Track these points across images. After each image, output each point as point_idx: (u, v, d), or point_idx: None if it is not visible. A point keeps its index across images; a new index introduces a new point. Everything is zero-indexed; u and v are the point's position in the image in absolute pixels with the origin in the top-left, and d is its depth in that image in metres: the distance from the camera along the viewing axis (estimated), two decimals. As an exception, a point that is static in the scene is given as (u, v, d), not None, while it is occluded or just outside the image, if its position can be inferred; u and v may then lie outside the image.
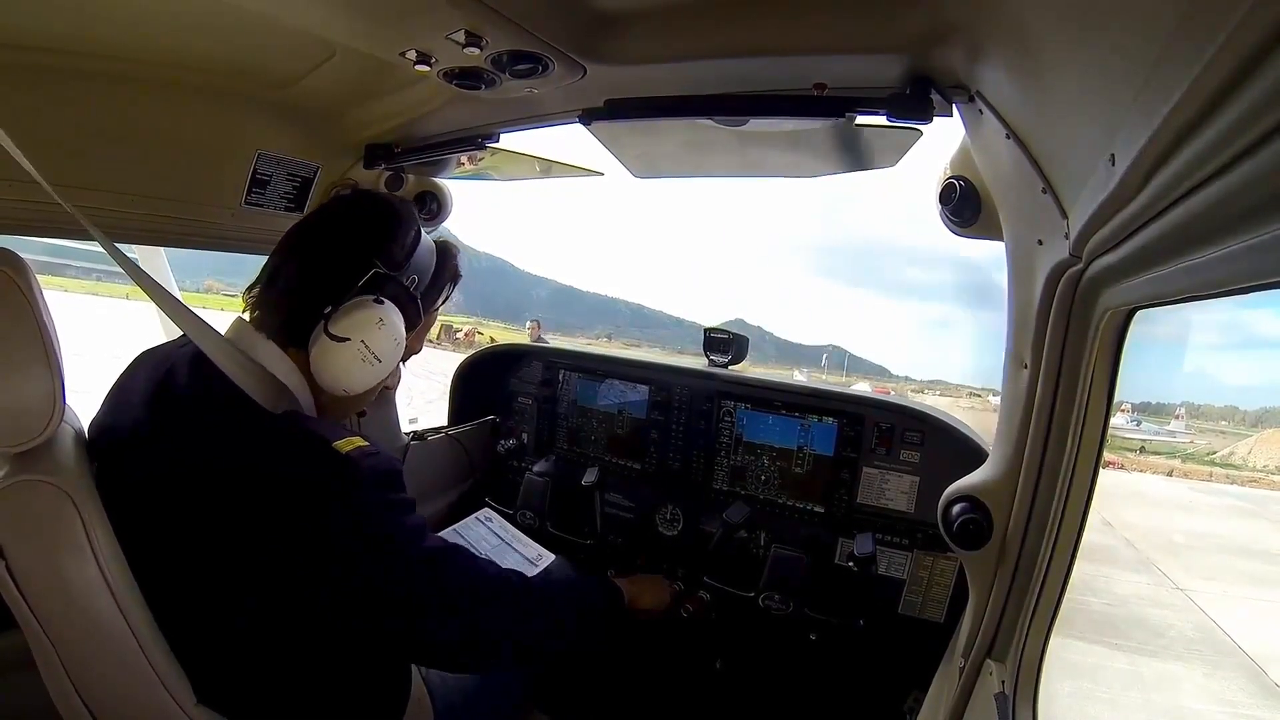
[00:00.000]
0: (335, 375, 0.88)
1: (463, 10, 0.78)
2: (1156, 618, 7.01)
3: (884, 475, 1.44)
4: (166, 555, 0.83)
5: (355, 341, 0.87)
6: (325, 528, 0.78)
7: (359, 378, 0.89)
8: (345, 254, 0.90)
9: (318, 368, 0.88)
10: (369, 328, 0.88)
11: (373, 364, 0.89)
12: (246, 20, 0.95)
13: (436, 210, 1.66)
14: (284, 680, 0.87)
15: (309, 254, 0.92)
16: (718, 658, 1.65)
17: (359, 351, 0.87)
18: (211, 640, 0.85)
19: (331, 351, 0.87)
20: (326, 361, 0.88)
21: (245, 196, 1.34)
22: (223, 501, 0.79)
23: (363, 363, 0.88)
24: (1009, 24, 0.64)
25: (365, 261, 0.89)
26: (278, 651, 0.85)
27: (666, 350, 51.54)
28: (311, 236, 0.94)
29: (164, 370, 0.90)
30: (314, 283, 0.89)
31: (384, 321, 0.89)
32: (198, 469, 0.81)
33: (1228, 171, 0.37)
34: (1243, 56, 0.30)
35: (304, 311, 0.88)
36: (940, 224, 1.02)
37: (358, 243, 0.91)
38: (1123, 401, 7.49)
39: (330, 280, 0.89)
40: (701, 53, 0.89)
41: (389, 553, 0.81)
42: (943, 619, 1.38)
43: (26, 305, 0.77)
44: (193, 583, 0.82)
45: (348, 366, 0.88)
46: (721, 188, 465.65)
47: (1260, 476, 35.63)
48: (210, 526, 0.80)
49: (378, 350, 0.88)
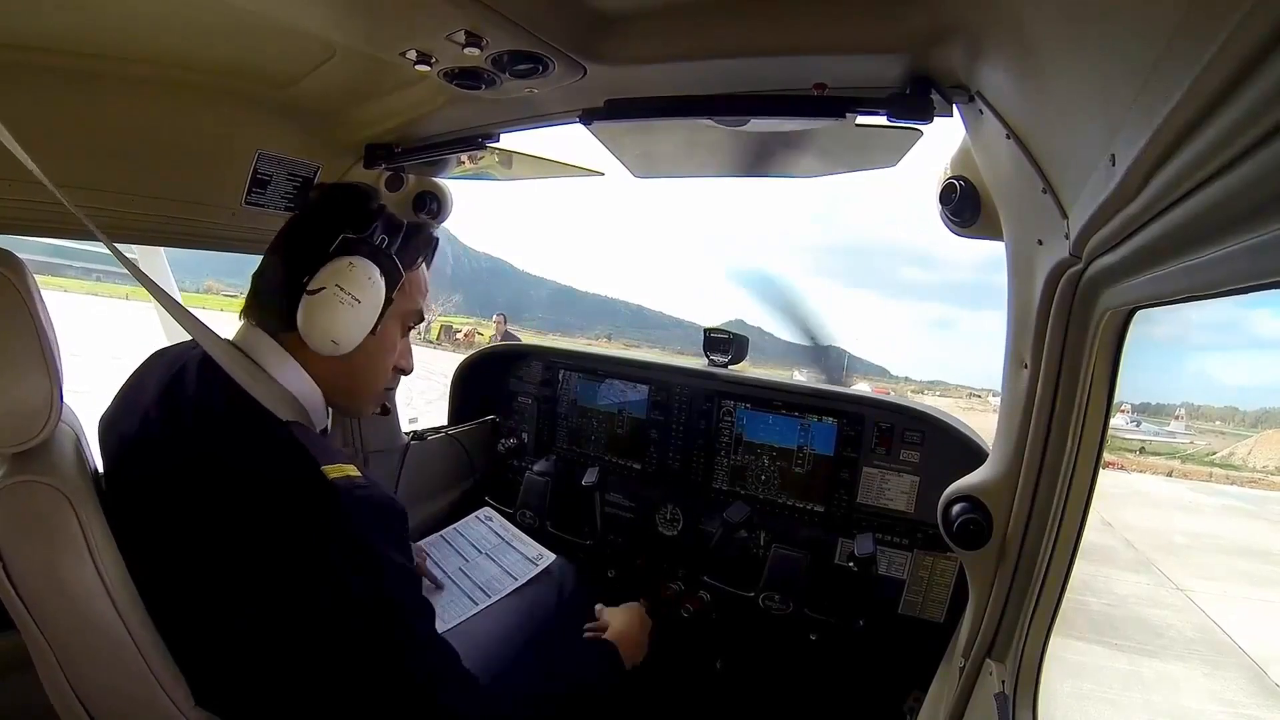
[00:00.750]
0: (323, 329, 0.89)
1: (463, 10, 0.78)
2: (1156, 618, 7.01)
3: (884, 475, 1.44)
4: (167, 556, 0.83)
5: (330, 287, 0.89)
6: (302, 551, 0.78)
7: (343, 322, 0.90)
8: (315, 231, 0.94)
9: (306, 330, 0.89)
10: (341, 273, 0.90)
11: (351, 304, 0.90)
12: (246, 20, 0.95)
13: (436, 210, 1.66)
14: (282, 683, 0.86)
15: (287, 244, 0.96)
16: (718, 658, 1.65)
17: (334, 293, 0.89)
18: (210, 643, 0.84)
19: (312, 305, 0.89)
20: (311, 319, 0.89)
21: (245, 196, 1.34)
22: (222, 506, 0.79)
23: (340, 305, 0.89)
24: (1009, 24, 0.64)
25: (333, 231, 0.93)
26: (276, 655, 0.84)
27: (666, 350, 51.48)
28: (287, 231, 0.98)
29: (175, 371, 0.91)
30: (292, 264, 0.92)
31: (354, 265, 0.91)
32: (200, 472, 0.81)
33: (1228, 171, 0.37)
34: (1243, 56, 0.30)
35: (289, 292, 0.90)
36: (940, 224, 1.02)
37: (325, 220, 0.95)
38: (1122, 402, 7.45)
39: (305, 256, 0.92)
40: (701, 53, 0.89)
41: (354, 598, 0.79)
42: (943, 619, 1.38)
43: (24, 306, 0.77)
44: (192, 584, 0.82)
45: (329, 313, 0.89)
46: (721, 188, 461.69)
47: (1260, 477, 35.65)
48: (209, 530, 0.80)
49: (354, 290, 0.90)
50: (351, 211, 0.96)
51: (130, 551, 0.82)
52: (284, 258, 0.94)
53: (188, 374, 0.90)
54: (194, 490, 0.81)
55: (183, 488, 0.81)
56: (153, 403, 0.89)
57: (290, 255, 0.93)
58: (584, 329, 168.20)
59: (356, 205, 0.97)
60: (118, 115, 1.13)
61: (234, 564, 0.79)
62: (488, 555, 1.48)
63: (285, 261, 0.93)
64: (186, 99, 1.18)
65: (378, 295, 0.93)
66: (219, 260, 1.26)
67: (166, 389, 0.90)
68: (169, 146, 1.21)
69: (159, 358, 1.00)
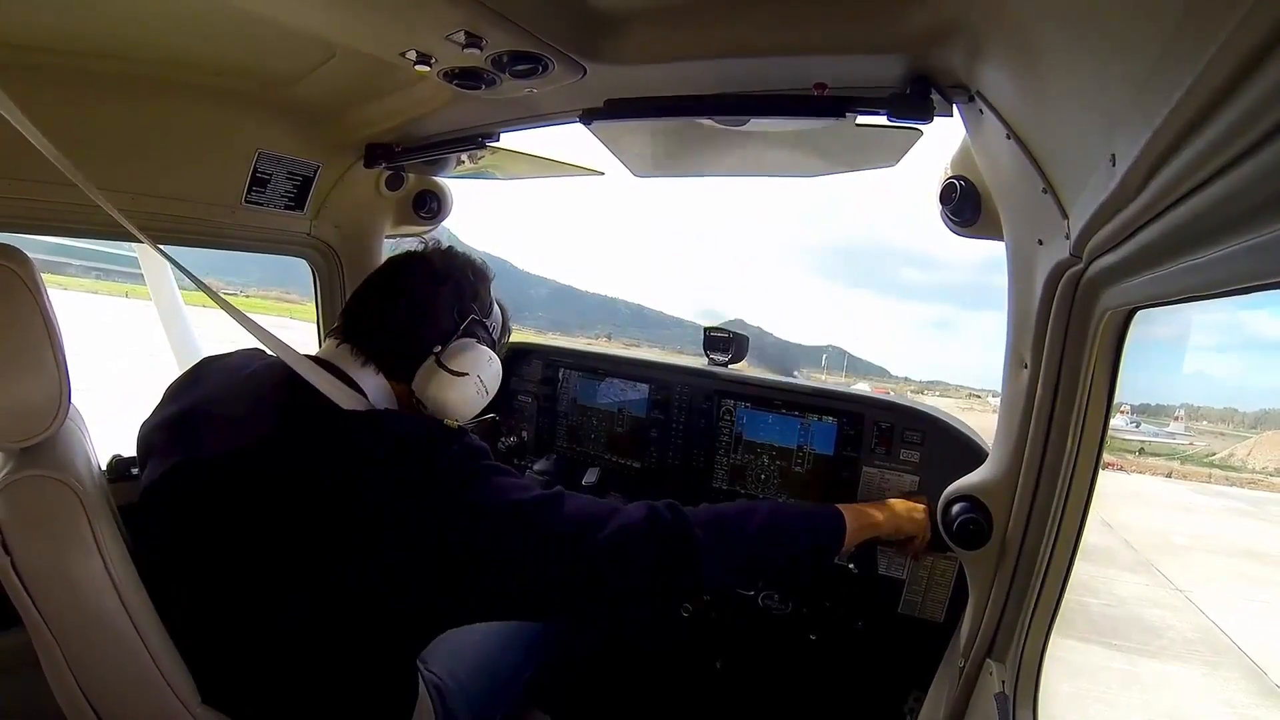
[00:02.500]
0: (454, 405, 0.96)
1: (463, 10, 0.78)
2: (1155, 618, 7.02)
3: (884, 475, 1.44)
4: (186, 543, 0.83)
5: (473, 376, 0.97)
6: (433, 477, 0.79)
7: (473, 407, 0.99)
8: (451, 301, 1.00)
9: (433, 399, 0.95)
10: (483, 364, 0.99)
11: (485, 396, 1.00)
12: (246, 20, 0.95)
13: (436, 209, 1.66)
14: (289, 681, 0.87)
15: (417, 296, 0.98)
16: (718, 658, 1.65)
17: (475, 384, 0.97)
18: (217, 640, 0.85)
19: (451, 384, 0.95)
20: (444, 393, 0.95)
21: (245, 195, 1.34)
22: (315, 492, 0.79)
23: (477, 394, 0.98)
24: (1009, 24, 0.64)
25: (465, 308, 1.01)
26: (285, 652, 0.84)
27: (666, 350, 51.48)
28: (417, 281, 1.00)
29: (242, 375, 0.94)
30: (425, 324, 0.97)
31: (492, 360, 1.01)
32: (299, 470, 0.81)
33: (1228, 171, 0.37)
34: (1243, 56, 0.30)
35: (414, 349, 0.96)
36: (940, 224, 1.02)
37: (460, 291, 1.01)
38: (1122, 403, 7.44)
39: (440, 322, 0.98)
40: (701, 53, 0.89)
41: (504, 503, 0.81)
42: (943, 619, 1.38)
43: (32, 301, 0.77)
44: (242, 585, 0.82)
45: (466, 398, 0.97)
46: (721, 188, 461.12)
47: (1259, 478, 35.63)
48: (290, 522, 0.80)
49: (489, 384, 1.00)
50: (480, 288, 1.04)
51: (158, 551, 0.83)
52: (412, 311, 0.97)
53: (261, 380, 0.92)
54: (295, 488, 0.80)
55: (282, 488, 0.81)
56: (250, 410, 0.89)
57: (422, 313, 0.98)
58: (584, 328, 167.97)
59: (484, 284, 1.05)
60: (118, 115, 1.13)
61: (303, 549, 0.79)
62: None
63: (414, 316, 0.97)
64: (187, 99, 1.18)
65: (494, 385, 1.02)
66: (219, 259, 1.26)
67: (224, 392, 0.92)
68: (169, 145, 1.21)
69: (210, 364, 1.01)
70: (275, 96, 1.23)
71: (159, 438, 0.92)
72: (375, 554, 0.78)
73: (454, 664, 1.16)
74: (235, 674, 0.86)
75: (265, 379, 0.92)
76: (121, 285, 26.37)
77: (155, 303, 2.36)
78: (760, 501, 1.05)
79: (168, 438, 0.91)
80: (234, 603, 0.83)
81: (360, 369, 0.93)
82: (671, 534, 0.87)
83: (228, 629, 0.84)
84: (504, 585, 0.82)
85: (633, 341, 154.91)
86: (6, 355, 0.76)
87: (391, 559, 0.78)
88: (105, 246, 15.48)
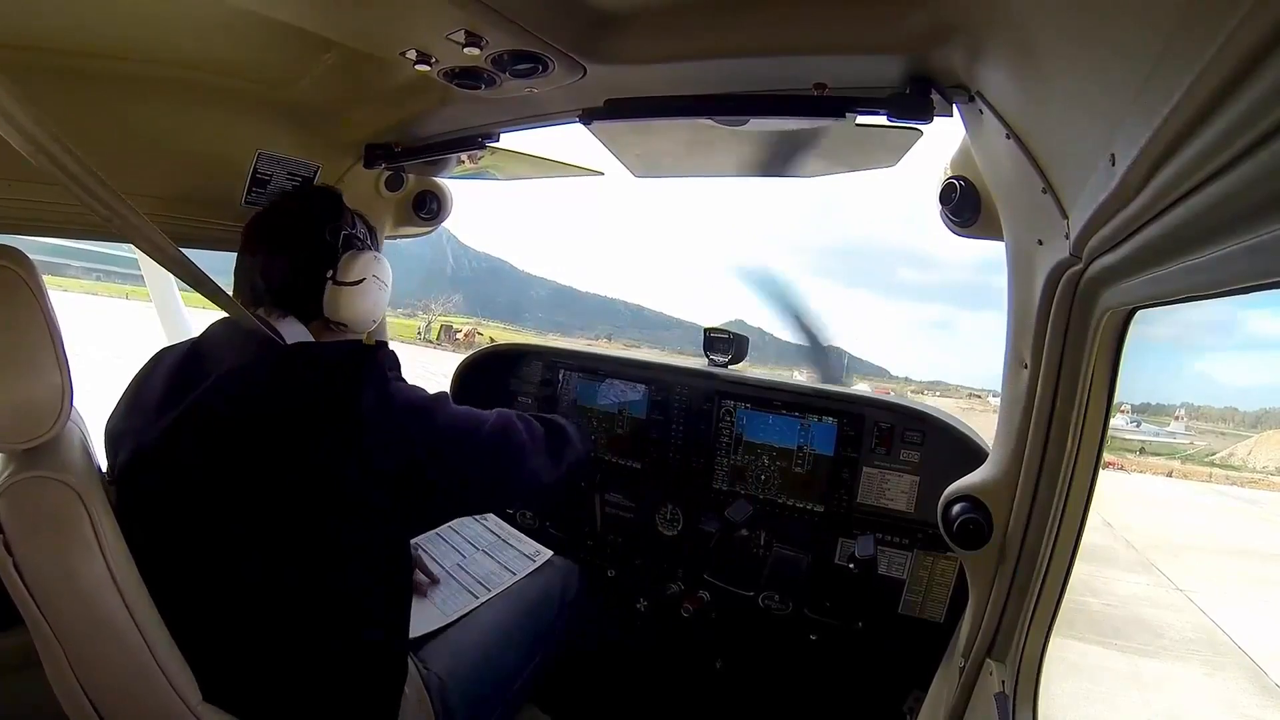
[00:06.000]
0: (366, 309, 1.07)
1: (463, 10, 0.78)
2: (1156, 618, 7.02)
3: (884, 475, 1.44)
4: (177, 532, 0.85)
5: (369, 277, 1.06)
6: (358, 397, 0.87)
7: (383, 304, 1.11)
8: (312, 230, 1.07)
9: (347, 316, 1.05)
10: (372, 264, 1.07)
11: (384, 288, 1.10)
12: (246, 20, 0.95)
13: (436, 210, 1.66)
14: (288, 677, 0.87)
15: (290, 244, 1.06)
16: (718, 658, 1.65)
17: (374, 282, 1.07)
18: (218, 637, 0.85)
19: (352, 293, 1.04)
20: (352, 304, 1.05)
21: (245, 196, 1.34)
22: (254, 424, 0.86)
23: (380, 291, 1.09)
24: (1009, 24, 0.64)
25: (335, 227, 1.08)
26: (282, 642, 0.85)
27: (666, 350, 51.55)
28: (281, 230, 1.08)
29: (185, 349, 1.02)
30: (310, 260, 1.04)
31: (377, 257, 1.09)
32: (230, 408, 0.88)
33: (1228, 171, 0.37)
34: (1243, 56, 0.30)
35: (311, 284, 1.04)
36: (940, 224, 1.02)
37: (316, 218, 1.08)
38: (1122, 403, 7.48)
39: (322, 253, 1.05)
40: (701, 53, 0.89)
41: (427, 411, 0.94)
42: (943, 619, 1.38)
43: (34, 302, 0.77)
44: (205, 555, 0.86)
45: (371, 297, 1.07)
46: (721, 187, 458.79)
47: (1260, 478, 35.63)
48: (232, 467, 0.85)
49: (385, 278, 1.10)
50: (334, 210, 1.10)
51: (146, 544, 0.83)
52: (294, 258, 1.04)
53: (202, 345, 1.01)
54: (225, 429, 0.87)
55: (212, 433, 0.87)
56: (165, 379, 0.97)
57: (303, 253, 1.05)
58: (584, 329, 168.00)
59: (336, 204, 1.11)
60: (118, 115, 1.13)
61: (258, 488, 0.85)
62: (485, 552, 1.49)
63: (299, 259, 1.04)
64: (186, 99, 1.18)
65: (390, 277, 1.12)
66: (218, 260, 1.26)
67: (183, 361, 0.99)
68: (169, 146, 1.21)
69: (165, 354, 1.05)
70: (275, 97, 1.23)
71: (126, 424, 0.98)
72: (320, 471, 0.85)
73: (454, 663, 1.16)
74: (236, 671, 0.86)
75: (220, 343, 1.00)
76: (122, 287, 26.39)
77: (155, 303, 2.36)
78: None
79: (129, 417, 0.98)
80: (213, 564, 0.86)
81: (280, 320, 1.00)
82: (543, 417, 1.16)
83: (216, 604, 0.86)
84: (438, 480, 0.95)
85: (633, 342, 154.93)
86: (8, 356, 0.76)
87: (336, 473, 0.85)
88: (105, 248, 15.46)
